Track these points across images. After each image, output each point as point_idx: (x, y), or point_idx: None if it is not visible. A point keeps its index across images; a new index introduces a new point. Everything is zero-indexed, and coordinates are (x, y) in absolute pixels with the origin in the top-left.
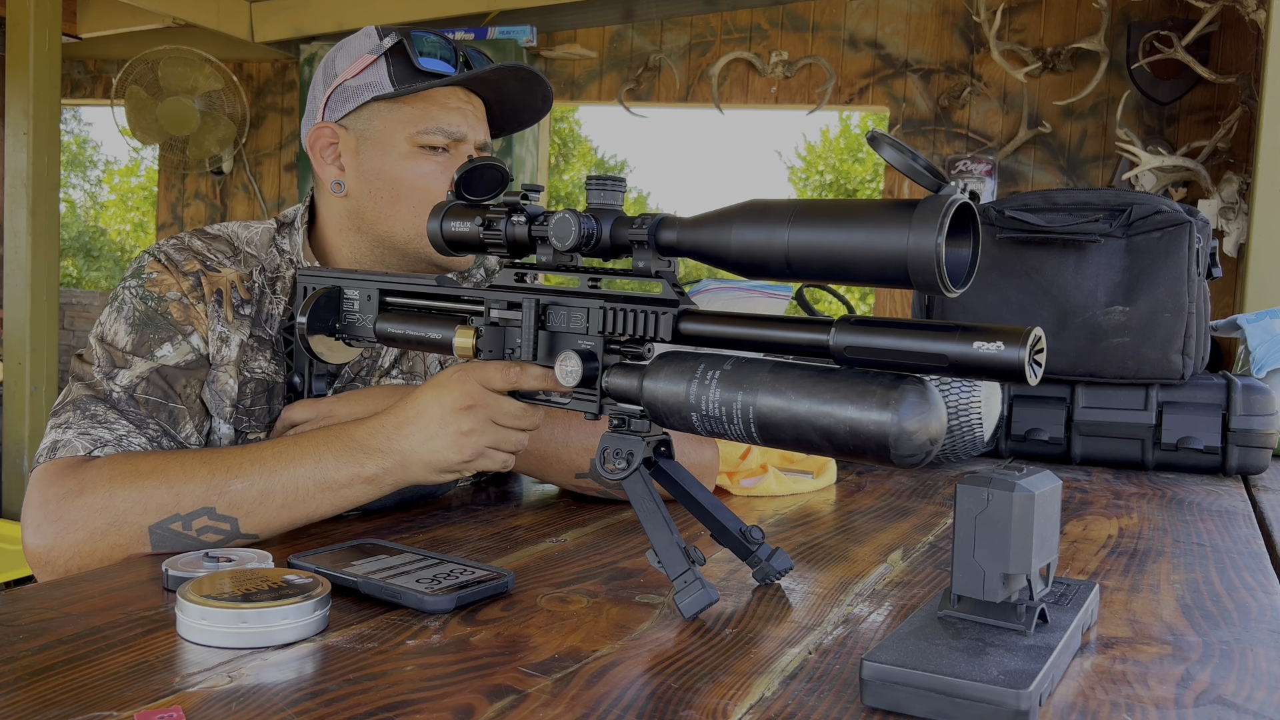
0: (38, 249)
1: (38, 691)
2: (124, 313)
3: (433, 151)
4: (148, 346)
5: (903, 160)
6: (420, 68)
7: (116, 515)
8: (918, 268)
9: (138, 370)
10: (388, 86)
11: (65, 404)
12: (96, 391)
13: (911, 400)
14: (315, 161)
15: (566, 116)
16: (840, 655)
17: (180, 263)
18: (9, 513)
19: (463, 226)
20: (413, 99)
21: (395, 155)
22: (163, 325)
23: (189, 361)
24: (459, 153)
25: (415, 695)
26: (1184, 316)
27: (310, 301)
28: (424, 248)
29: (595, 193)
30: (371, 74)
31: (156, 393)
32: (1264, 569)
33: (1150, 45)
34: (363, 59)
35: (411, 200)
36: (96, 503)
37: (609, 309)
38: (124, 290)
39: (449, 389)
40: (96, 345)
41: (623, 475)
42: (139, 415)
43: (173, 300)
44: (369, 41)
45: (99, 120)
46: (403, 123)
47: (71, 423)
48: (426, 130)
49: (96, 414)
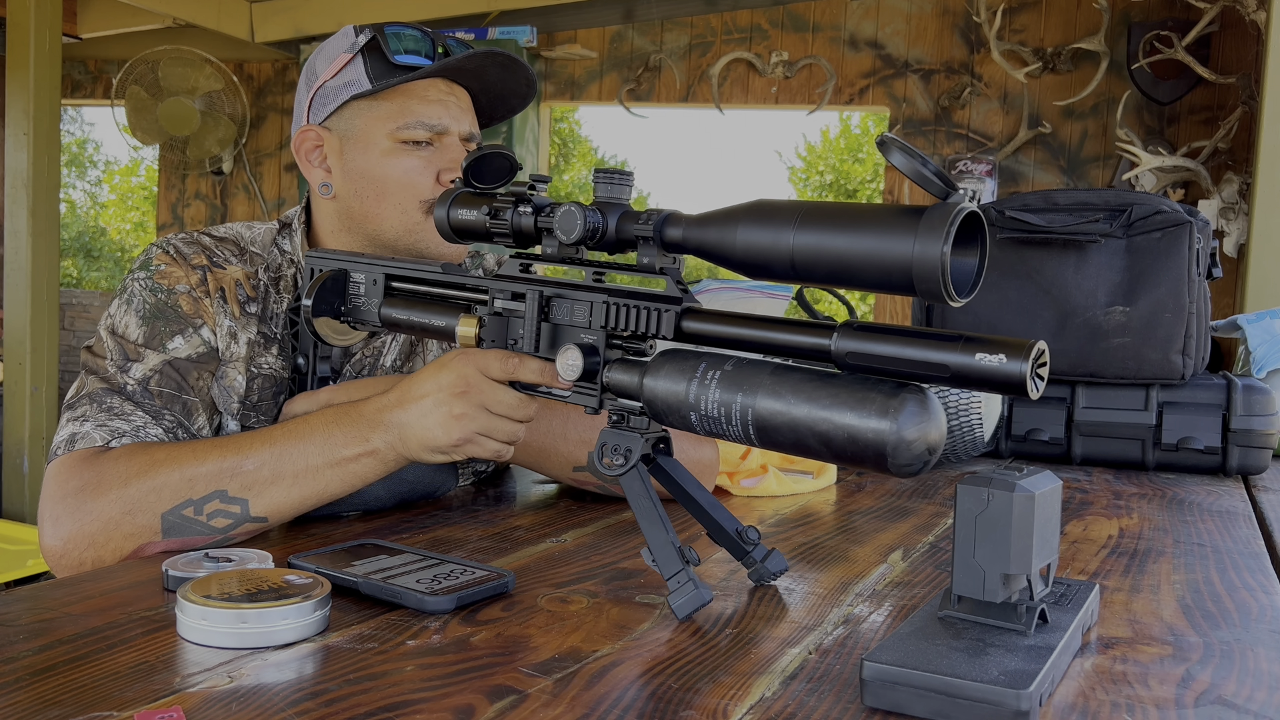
0: (38, 249)
1: (38, 691)
2: (134, 305)
3: (415, 146)
4: (159, 339)
5: (912, 166)
6: (396, 63)
7: (132, 504)
8: (922, 276)
9: (150, 363)
10: (366, 84)
11: (80, 397)
12: (111, 384)
13: (911, 409)
14: (302, 165)
15: (567, 116)
16: (840, 655)
17: (189, 256)
18: (9, 512)
19: (470, 215)
20: (391, 94)
21: (378, 153)
22: (173, 318)
23: (200, 354)
24: (443, 145)
25: (415, 695)
26: (1184, 317)
27: (317, 283)
28: (414, 243)
29: (603, 186)
30: (350, 73)
31: (170, 385)
32: (1264, 569)
33: (1150, 45)
34: (340, 58)
35: (397, 197)
36: (112, 495)
37: (612, 304)
38: (133, 282)
39: (447, 370)
40: (107, 337)
41: (620, 471)
42: (155, 406)
43: (182, 293)
44: (346, 40)
45: (101, 120)
46: (383, 119)
47: (89, 415)
48: (406, 125)
49: (113, 406)
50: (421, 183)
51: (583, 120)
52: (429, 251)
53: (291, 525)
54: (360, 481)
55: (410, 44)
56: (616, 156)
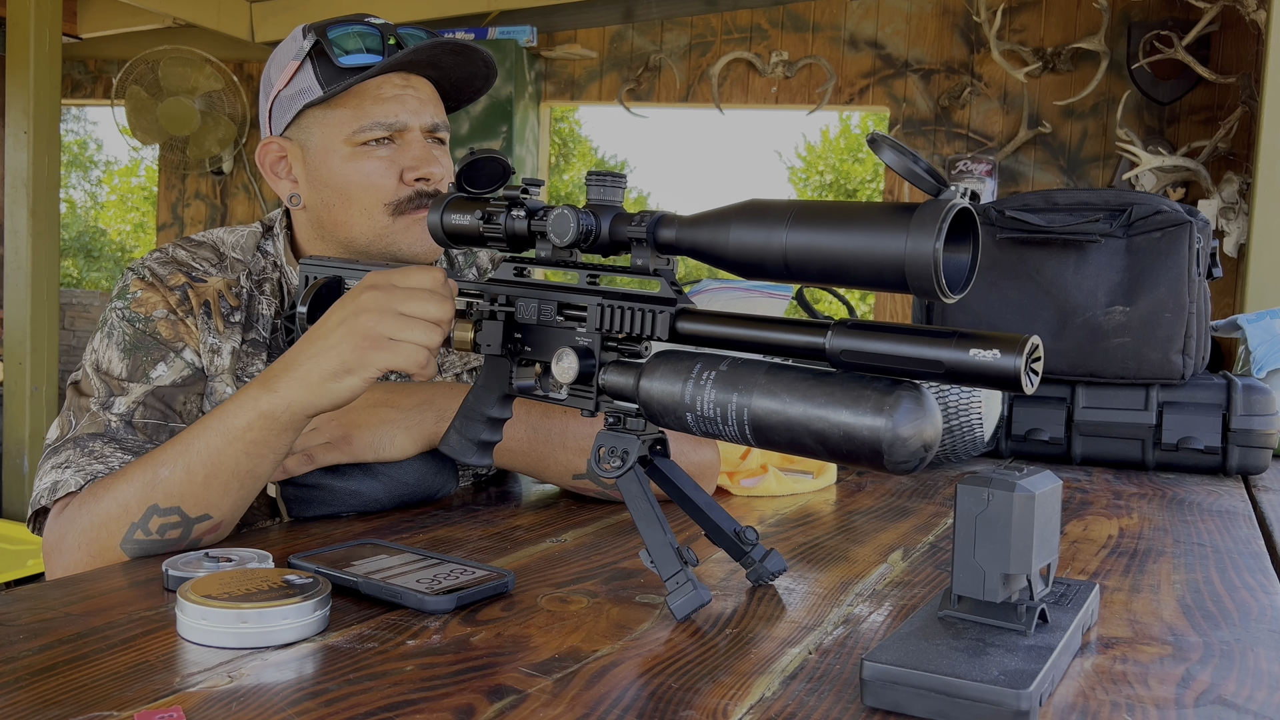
0: (38, 249)
1: (38, 691)
2: (114, 339)
3: (376, 146)
4: (142, 370)
5: (903, 163)
6: (342, 66)
7: (94, 548)
8: (915, 273)
9: (134, 395)
10: (318, 90)
11: (65, 441)
12: (96, 426)
13: (906, 406)
14: (268, 178)
15: (566, 116)
16: (840, 655)
17: (165, 277)
18: (9, 512)
19: (463, 219)
20: (344, 98)
21: (338, 159)
22: (153, 346)
23: (185, 378)
24: (405, 141)
25: (415, 695)
26: (1184, 316)
27: (311, 290)
28: (386, 247)
29: (595, 188)
30: (301, 79)
31: (155, 415)
32: (1264, 569)
33: (1150, 45)
34: (290, 65)
35: (361, 202)
36: (75, 540)
37: (607, 306)
38: (112, 313)
39: (353, 292)
40: (94, 375)
41: (617, 473)
42: (137, 442)
43: (160, 319)
44: (294, 45)
45: (102, 120)
46: (338, 125)
47: (71, 461)
48: (361, 129)
49: (94, 450)
50: (384, 184)
51: (583, 120)
52: (402, 254)
53: (291, 525)
54: (270, 452)
55: (356, 43)
56: (616, 156)
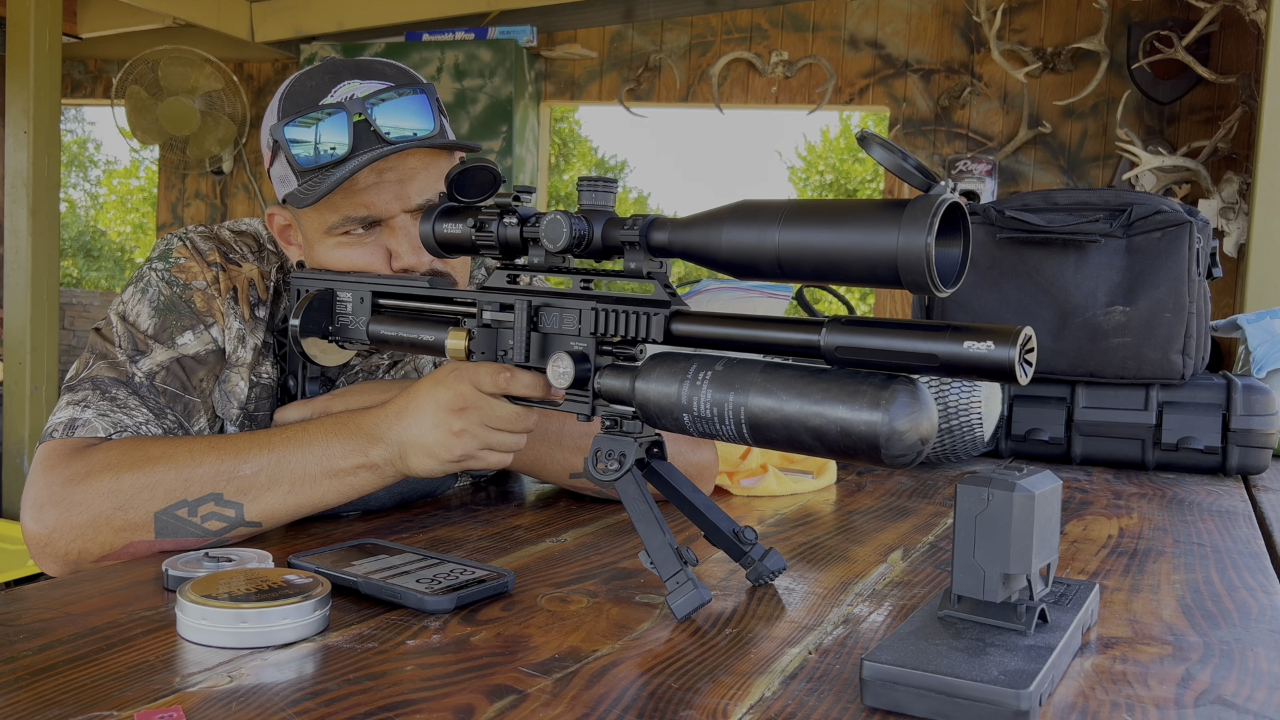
0: (38, 249)
1: (38, 691)
2: (149, 295)
3: (361, 233)
4: (169, 333)
5: (892, 160)
6: (303, 168)
7: (123, 499)
8: (908, 268)
9: (158, 358)
10: (293, 181)
11: (83, 379)
12: (118, 373)
13: (902, 400)
14: (280, 243)
15: (566, 116)
16: (840, 655)
17: (205, 252)
18: (9, 512)
19: (455, 228)
20: None
21: (323, 249)
22: (185, 313)
23: (208, 352)
24: (389, 227)
25: (415, 695)
26: (1184, 316)
27: (303, 304)
28: None
29: (587, 194)
30: (278, 166)
31: (175, 383)
32: (1264, 569)
33: (1150, 45)
34: (269, 148)
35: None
36: (104, 486)
37: (601, 310)
38: (150, 271)
39: (444, 387)
40: (118, 322)
41: (615, 476)
42: (158, 404)
43: (198, 289)
44: (270, 119)
45: (101, 120)
46: (318, 217)
47: (90, 402)
48: (334, 226)
49: (118, 398)
50: (372, 266)
51: (583, 120)
52: None
53: (291, 525)
54: (355, 493)
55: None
56: (616, 157)
